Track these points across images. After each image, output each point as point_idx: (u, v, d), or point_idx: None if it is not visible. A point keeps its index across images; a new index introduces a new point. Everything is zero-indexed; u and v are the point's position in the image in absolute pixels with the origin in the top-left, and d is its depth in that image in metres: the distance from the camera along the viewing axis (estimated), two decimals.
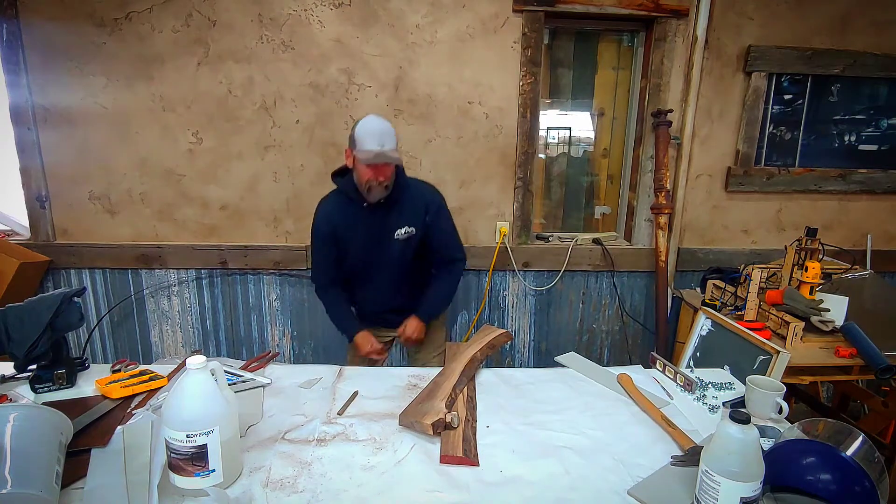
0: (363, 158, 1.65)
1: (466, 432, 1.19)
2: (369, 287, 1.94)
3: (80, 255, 2.47)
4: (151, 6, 2.25)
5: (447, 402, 1.26)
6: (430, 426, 1.16)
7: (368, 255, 1.86)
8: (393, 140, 1.68)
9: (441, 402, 1.25)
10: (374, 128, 1.66)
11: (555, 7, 2.36)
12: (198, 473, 0.95)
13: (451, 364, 1.46)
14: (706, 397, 1.40)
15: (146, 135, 2.39)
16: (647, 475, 1.07)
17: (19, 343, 1.26)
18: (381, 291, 1.94)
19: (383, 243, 1.83)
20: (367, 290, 1.96)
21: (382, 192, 1.73)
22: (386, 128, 1.68)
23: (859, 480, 0.91)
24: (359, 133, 1.67)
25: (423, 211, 1.84)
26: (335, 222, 1.83)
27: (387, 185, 1.72)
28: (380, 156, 1.63)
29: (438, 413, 1.20)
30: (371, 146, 1.64)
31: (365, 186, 1.71)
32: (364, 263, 1.88)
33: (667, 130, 2.50)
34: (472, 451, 1.13)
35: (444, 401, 1.25)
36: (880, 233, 2.77)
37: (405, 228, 1.82)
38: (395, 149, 1.68)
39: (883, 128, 2.67)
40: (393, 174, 1.73)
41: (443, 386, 1.34)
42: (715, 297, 2.28)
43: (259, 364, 1.54)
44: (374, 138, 1.64)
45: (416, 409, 1.25)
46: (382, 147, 1.64)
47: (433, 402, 1.26)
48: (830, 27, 2.49)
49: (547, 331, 2.77)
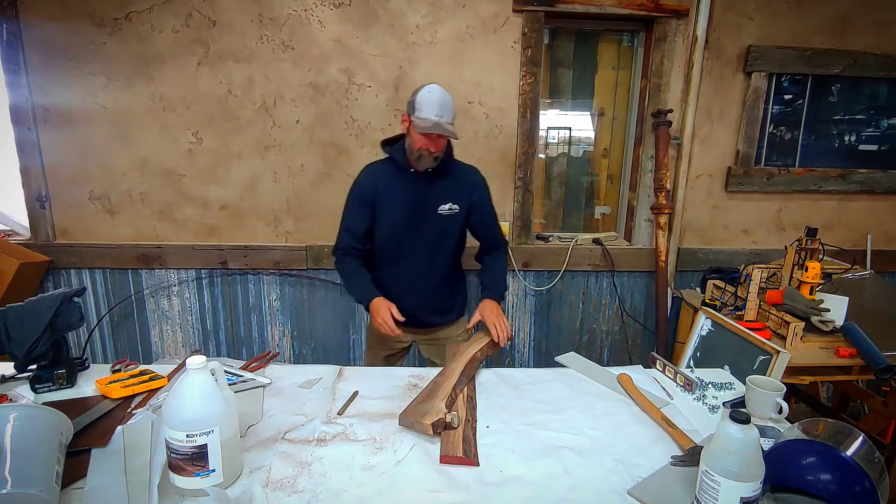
0: (419, 126, 1.62)
1: (466, 432, 1.19)
2: (401, 268, 1.82)
3: (80, 255, 2.47)
4: (151, 6, 2.26)
5: (447, 402, 1.26)
6: (430, 426, 1.16)
7: (408, 228, 1.77)
8: (451, 113, 1.66)
9: (441, 402, 1.25)
10: (435, 98, 1.63)
11: (555, 7, 2.36)
12: (198, 473, 0.95)
13: (451, 364, 1.47)
14: (706, 397, 1.40)
15: (146, 135, 2.39)
16: (648, 475, 1.07)
17: (19, 343, 1.26)
18: (413, 276, 1.82)
19: (426, 217, 1.77)
20: (398, 271, 1.82)
21: (431, 163, 1.71)
22: (446, 99, 1.64)
23: (859, 480, 0.91)
24: (419, 100, 1.64)
25: (469, 190, 1.81)
26: (378, 184, 1.77)
27: (437, 157, 1.69)
28: (436, 126, 1.60)
29: (438, 413, 1.20)
30: (429, 115, 1.61)
31: (416, 154, 1.68)
32: (401, 238, 1.78)
33: (667, 130, 2.50)
34: (473, 451, 1.13)
35: (443, 401, 1.26)
36: (880, 233, 2.77)
37: (449, 205, 1.77)
38: (452, 122, 1.65)
39: (883, 128, 2.67)
40: (445, 147, 1.71)
41: (443, 386, 1.34)
42: (715, 297, 2.28)
43: (259, 364, 1.54)
44: (433, 108, 1.61)
45: (416, 409, 1.25)
46: (440, 118, 1.61)
47: (433, 402, 1.26)
48: (830, 27, 2.49)
49: (547, 331, 2.77)
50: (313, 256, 2.55)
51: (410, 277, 1.83)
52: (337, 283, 2.60)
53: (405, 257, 1.82)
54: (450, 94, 1.66)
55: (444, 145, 1.69)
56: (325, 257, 2.55)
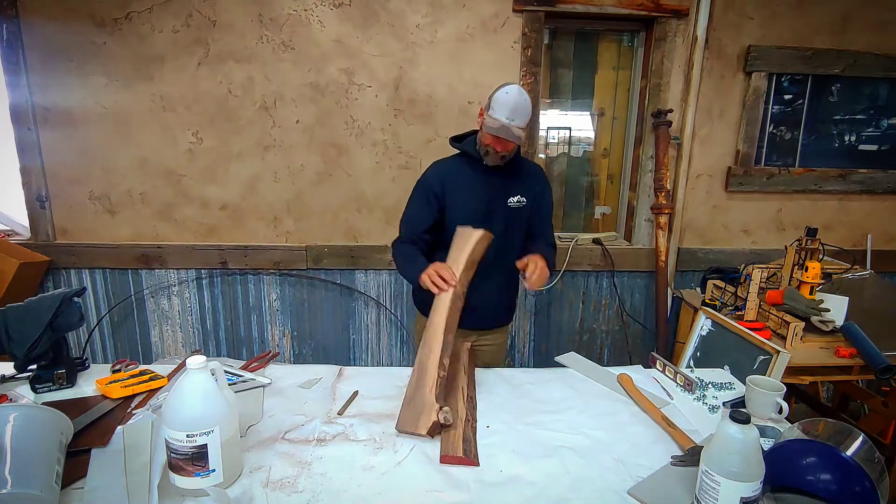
0: (487, 125, 1.62)
1: (466, 432, 1.19)
2: None
3: (80, 255, 2.47)
4: (151, 6, 2.25)
5: (437, 389, 1.26)
6: (426, 434, 1.17)
7: (485, 218, 1.72)
8: (524, 118, 1.63)
9: (430, 394, 1.25)
10: (509, 100, 1.60)
11: (555, 7, 2.36)
12: (198, 473, 0.95)
13: (427, 331, 1.43)
14: (706, 397, 1.40)
15: (146, 135, 2.39)
16: (648, 475, 1.07)
17: (19, 343, 1.26)
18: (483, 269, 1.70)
19: (497, 208, 1.75)
20: None
21: (499, 162, 1.71)
22: (521, 103, 1.61)
23: (859, 480, 0.91)
24: (495, 98, 1.62)
25: (533, 183, 1.81)
26: (447, 181, 1.75)
27: (504, 157, 1.69)
28: (503, 129, 1.59)
29: (430, 413, 1.21)
30: (500, 116, 1.60)
31: (483, 149, 1.70)
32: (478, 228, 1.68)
33: (667, 130, 2.50)
34: (472, 451, 1.14)
35: (432, 390, 1.26)
36: (880, 233, 2.77)
37: (518, 197, 1.77)
38: (523, 126, 1.63)
39: (883, 128, 2.67)
40: (513, 150, 1.71)
41: (428, 368, 1.33)
42: (715, 297, 2.28)
43: (259, 364, 1.54)
44: (505, 110, 1.60)
45: (409, 410, 1.25)
46: (511, 122, 1.59)
47: (423, 394, 1.26)
48: (831, 27, 2.49)
49: (547, 331, 2.77)
50: (313, 256, 2.55)
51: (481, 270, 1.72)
52: (336, 282, 2.60)
53: None
54: (527, 98, 1.63)
55: (512, 147, 1.68)
56: (325, 257, 2.55)
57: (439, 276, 1.51)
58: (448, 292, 1.48)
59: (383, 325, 2.70)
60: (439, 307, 1.47)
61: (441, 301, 1.48)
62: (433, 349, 1.37)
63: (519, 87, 1.64)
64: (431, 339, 1.40)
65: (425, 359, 1.36)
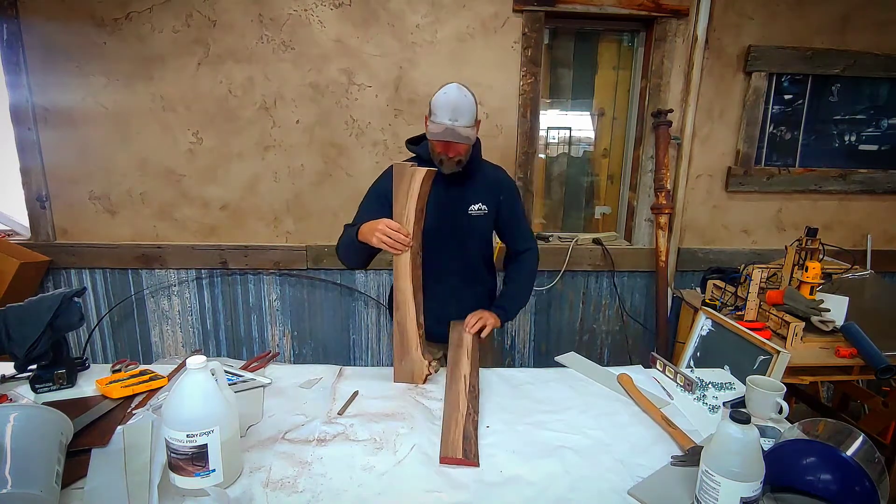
0: (431, 133, 1.53)
1: (467, 428, 1.19)
2: (433, 273, 1.63)
3: (81, 255, 2.47)
4: (151, 6, 2.26)
5: (421, 347, 1.44)
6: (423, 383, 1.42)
7: (438, 230, 1.64)
8: (469, 115, 1.53)
9: (417, 352, 1.43)
10: (448, 100, 1.51)
11: (555, 7, 2.36)
12: (198, 473, 0.95)
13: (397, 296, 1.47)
14: (706, 397, 1.40)
15: (146, 135, 2.39)
16: (648, 475, 1.07)
17: (19, 343, 1.26)
18: (446, 282, 1.69)
19: (457, 217, 1.67)
20: (430, 278, 1.59)
21: (455, 167, 1.61)
22: (462, 101, 1.51)
23: (859, 480, 0.91)
24: (434, 102, 1.54)
25: (497, 189, 1.72)
26: None
27: (459, 161, 1.60)
28: (447, 132, 1.50)
29: (422, 369, 1.43)
30: (441, 119, 1.51)
31: (437, 159, 1.60)
32: (431, 241, 1.58)
33: (667, 130, 2.50)
34: (473, 450, 1.13)
35: (417, 349, 1.43)
36: (880, 233, 2.77)
37: (479, 205, 1.68)
38: (469, 125, 1.53)
39: (883, 128, 2.67)
40: (467, 151, 1.60)
41: (408, 329, 1.45)
42: (715, 297, 2.28)
43: (259, 364, 1.54)
44: (446, 111, 1.50)
45: (402, 368, 1.45)
46: (454, 123, 1.50)
47: (411, 355, 1.44)
48: (831, 27, 2.49)
49: (547, 331, 2.77)
50: (313, 256, 2.55)
51: (444, 284, 1.70)
52: (337, 282, 2.60)
53: (437, 261, 1.66)
54: (469, 94, 1.55)
55: (463, 149, 1.58)
56: (326, 257, 2.55)
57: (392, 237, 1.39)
58: (407, 253, 1.42)
59: (383, 325, 2.70)
60: (402, 270, 1.44)
61: (402, 262, 1.43)
62: (408, 312, 1.45)
63: (458, 85, 1.55)
64: (403, 303, 1.46)
65: (403, 320, 1.45)
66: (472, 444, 1.15)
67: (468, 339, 1.58)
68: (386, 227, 1.39)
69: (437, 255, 1.67)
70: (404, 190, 1.39)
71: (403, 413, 1.29)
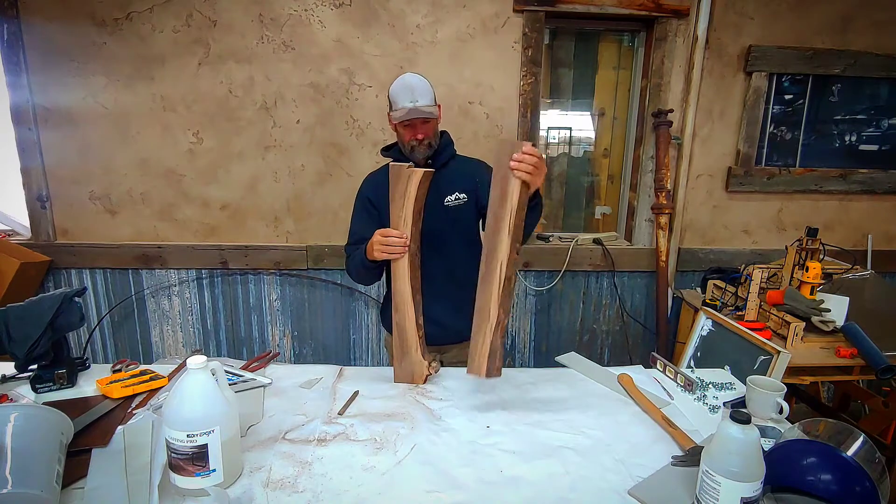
0: (396, 117, 1.57)
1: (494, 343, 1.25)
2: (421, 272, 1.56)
3: (81, 255, 2.48)
4: (152, 6, 2.26)
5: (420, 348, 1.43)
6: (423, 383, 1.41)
7: None
8: (428, 95, 1.58)
9: (417, 354, 1.42)
10: (405, 83, 1.57)
11: (555, 7, 2.36)
12: (198, 473, 0.95)
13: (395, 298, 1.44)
14: (707, 397, 1.40)
15: (147, 135, 2.39)
16: (648, 475, 1.07)
17: (20, 343, 1.26)
18: (434, 278, 1.62)
19: (433, 211, 1.61)
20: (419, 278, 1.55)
21: (426, 151, 1.63)
22: (418, 82, 1.58)
23: (860, 481, 0.91)
24: (391, 92, 1.59)
25: (473, 174, 1.71)
26: (379, 190, 1.65)
27: (430, 143, 1.63)
28: (413, 111, 1.54)
29: (422, 370, 1.43)
30: (403, 103, 1.56)
31: (408, 148, 1.63)
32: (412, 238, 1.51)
33: (667, 130, 2.50)
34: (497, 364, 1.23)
35: (417, 350, 1.42)
36: (881, 233, 2.76)
37: (455, 195, 1.68)
38: (431, 104, 1.58)
39: (884, 128, 2.66)
40: (435, 131, 1.64)
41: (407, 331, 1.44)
42: (715, 297, 2.28)
43: (259, 364, 1.54)
44: (405, 94, 1.56)
45: (402, 369, 1.44)
46: (415, 103, 1.55)
47: (410, 356, 1.43)
48: (831, 27, 2.49)
49: (547, 331, 2.77)
50: (314, 256, 2.55)
51: (432, 280, 1.61)
52: (337, 283, 2.60)
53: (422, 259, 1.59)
54: (423, 78, 1.60)
55: (431, 129, 1.62)
56: (326, 257, 2.55)
57: (389, 244, 1.40)
58: (405, 257, 1.42)
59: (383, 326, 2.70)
60: (399, 272, 1.42)
61: (399, 264, 1.42)
62: (407, 313, 1.44)
63: (410, 72, 1.62)
64: (402, 305, 1.44)
65: (402, 322, 1.44)
66: (496, 359, 1.19)
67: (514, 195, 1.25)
68: (379, 236, 1.43)
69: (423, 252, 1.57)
70: (401, 192, 1.38)
71: (404, 413, 1.29)
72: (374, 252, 1.46)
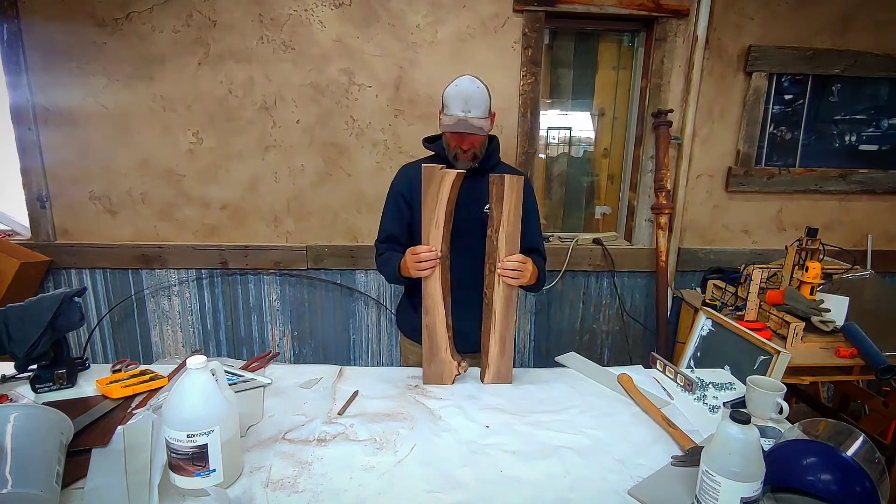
0: (444, 124, 1.52)
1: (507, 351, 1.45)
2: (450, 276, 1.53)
3: (81, 255, 2.47)
4: (152, 6, 2.26)
5: (450, 348, 1.46)
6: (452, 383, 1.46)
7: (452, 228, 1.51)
8: (482, 106, 1.51)
9: (447, 354, 1.45)
10: (460, 91, 1.50)
11: (555, 7, 2.36)
12: (198, 473, 0.95)
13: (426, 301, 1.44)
14: (706, 397, 1.40)
15: (147, 135, 2.39)
16: (648, 475, 1.07)
17: (20, 343, 1.26)
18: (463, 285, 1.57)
19: (471, 214, 1.57)
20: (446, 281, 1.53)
21: (470, 163, 1.58)
22: (474, 92, 1.50)
23: (860, 480, 0.91)
24: (445, 95, 1.53)
25: None
26: (414, 183, 1.59)
27: (475, 154, 1.57)
28: (461, 123, 1.49)
29: (451, 370, 1.46)
30: (455, 111, 1.50)
31: (451, 153, 1.58)
32: None
33: (667, 130, 2.50)
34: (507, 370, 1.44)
35: (447, 351, 1.45)
36: (881, 233, 2.76)
37: None
38: (484, 116, 1.52)
39: (883, 128, 2.66)
40: (483, 143, 1.59)
41: (437, 331, 1.45)
42: (715, 297, 2.28)
43: (259, 364, 1.54)
44: (459, 102, 1.49)
45: (431, 369, 1.46)
46: (467, 114, 1.49)
47: (440, 357, 1.45)
48: (831, 27, 2.49)
49: (547, 331, 2.77)
50: (313, 256, 2.55)
51: (460, 287, 1.56)
52: (337, 283, 2.60)
53: (452, 262, 1.54)
54: (481, 85, 1.54)
55: (478, 142, 1.57)
56: (326, 257, 2.55)
57: (420, 259, 1.40)
58: (436, 270, 1.42)
59: (383, 326, 2.70)
60: (431, 279, 1.43)
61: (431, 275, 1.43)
62: (437, 315, 1.44)
63: (470, 77, 1.54)
64: (433, 307, 1.44)
65: (432, 324, 1.45)
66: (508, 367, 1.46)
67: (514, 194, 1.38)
68: (411, 255, 1.44)
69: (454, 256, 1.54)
70: (433, 193, 1.38)
71: (403, 413, 1.29)
72: (410, 271, 1.46)
